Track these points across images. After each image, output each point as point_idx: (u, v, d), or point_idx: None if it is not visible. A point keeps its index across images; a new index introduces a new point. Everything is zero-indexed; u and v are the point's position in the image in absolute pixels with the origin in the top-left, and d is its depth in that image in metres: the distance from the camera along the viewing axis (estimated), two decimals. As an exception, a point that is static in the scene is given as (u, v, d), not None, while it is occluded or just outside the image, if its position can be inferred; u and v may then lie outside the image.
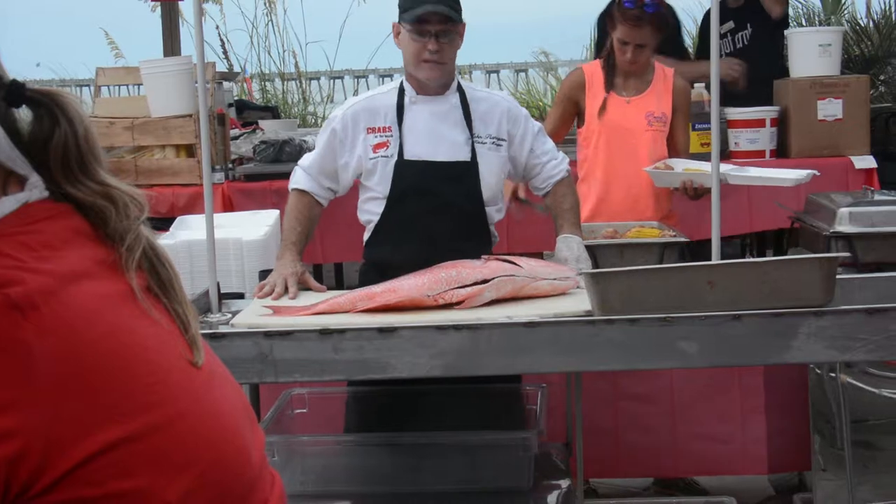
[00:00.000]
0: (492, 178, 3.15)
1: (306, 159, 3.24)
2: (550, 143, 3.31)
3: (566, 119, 4.23)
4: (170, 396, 1.00)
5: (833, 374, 2.94)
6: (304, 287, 2.98)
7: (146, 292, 1.05)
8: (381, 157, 3.13)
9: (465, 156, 3.12)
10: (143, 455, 0.96)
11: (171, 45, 6.14)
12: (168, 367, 1.02)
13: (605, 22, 4.74)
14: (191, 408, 1.02)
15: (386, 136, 3.14)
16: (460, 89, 3.19)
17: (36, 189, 1.03)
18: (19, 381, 0.90)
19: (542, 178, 3.27)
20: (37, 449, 0.90)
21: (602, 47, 4.39)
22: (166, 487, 0.97)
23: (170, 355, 1.04)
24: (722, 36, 5.47)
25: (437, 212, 3.07)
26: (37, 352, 0.91)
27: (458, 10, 3.10)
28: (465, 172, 3.11)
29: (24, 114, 1.05)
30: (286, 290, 2.93)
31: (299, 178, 3.21)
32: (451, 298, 2.66)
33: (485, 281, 2.69)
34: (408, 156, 3.11)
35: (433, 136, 3.13)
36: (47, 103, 1.04)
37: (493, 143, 3.16)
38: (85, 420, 0.92)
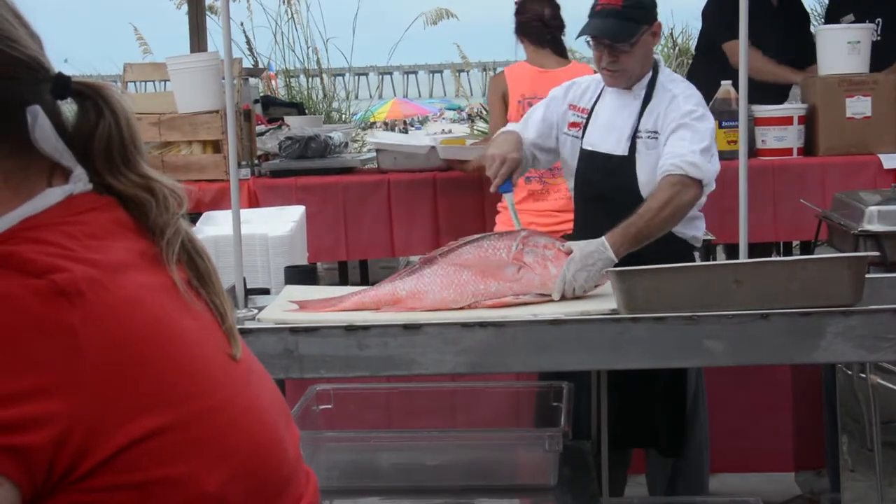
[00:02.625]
0: (647, 173, 3.09)
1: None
2: (684, 142, 2.99)
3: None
4: (211, 387, 1.01)
5: (863, 375, 2.91)
6: None
7: (188, 285, 1.06)
8: (571, 136, 3.23)
9: (622, 150, 3.14)
10: (183, 443, 0.96)
11: (198, 41, 6.17)
12: (209, 358, 1.03)
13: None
14: (231, 400, 1.03)
15: (580, 118, 3.23)
16: (652, 81, 3.16)
17: (80, 181, 1.04)
18: (64, 365, 0.91)
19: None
20: (79, 433, 0.91)
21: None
22: (206, 476, 0.97)
23: (211, 347, 1.04)
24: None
25: (595, 201, 3.13)
26: (82, 337, 0.92)
27: (629, 29, 3.02)
28: (622, 167, 3.13)
29: (67, 106, 1.06)
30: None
31: (506, 128, 3.36)
32: (477, 307, 2.66)
33: (514, 295, 2.68)
34: (585, 144, 3.21)
35: (608, 127, 3.18)
36: (92, 95, 1.06)
37: (648, 136, 3.13)
38: (127, 406, 0.93)
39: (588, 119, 3.22)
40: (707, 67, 5.18)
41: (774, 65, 5.01)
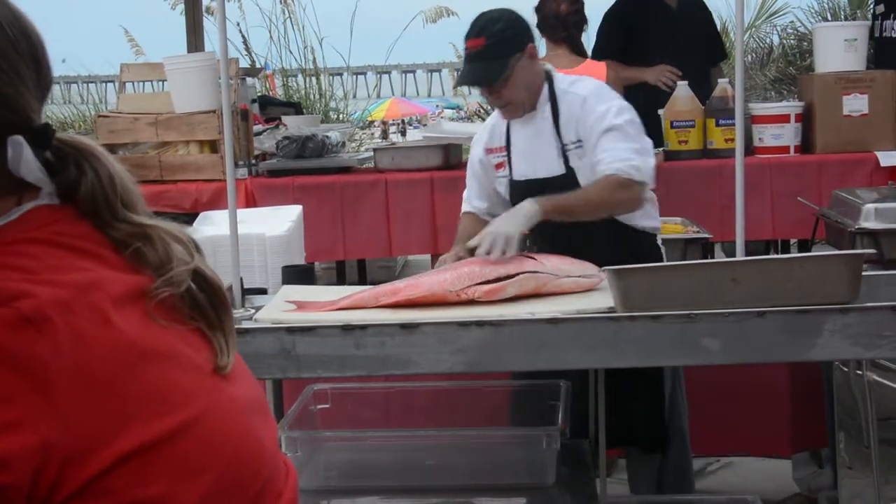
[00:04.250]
0: (588, 180, 3.02)
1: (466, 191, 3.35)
2: (619, 144, 2.95)
3: None
4: (183, 401, 0.99)
5: (859, 372, 2.91)
6: None
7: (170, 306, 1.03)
8: (502, 176, 3.21)
9: (559, 169, 3.09)
10: (161, 462, 0.95)
11: (195, 41, 6.17)
12: (180, 369, 1.01)
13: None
14: (206, 410, 1.01)
15: (502, 157, 3.21)
16: (552, 92, 3.10)
17: (47, 197, 1.02)
18: (36, 397, 0.89)
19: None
20: (55, 462, 0.89)
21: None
22: (185, 493, 0.96)
23: (182, 357, 1.02)
24: (874, 17, 5.39)
25: (546, 222, 2.97)
26: (52, 367, 0.90)
27: (496, 68, 2.97)
28: (564, 184, 3.05)
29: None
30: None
31: (463, 205, 3.33)
32: (474, 294, 2.65)
33: (508, 277, 2.68)
34: (516, 176, 3.17)
35: (531, 153, 3.14)
36: (73, 154, 1.03)
37: (575, 147, 3.08)
38: (102, 430, 0.92)
39: (509, 153, 3.18)
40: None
41: (628, 68, 4.99)
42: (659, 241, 3.28)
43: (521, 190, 3.13)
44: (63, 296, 0.93)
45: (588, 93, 3.08)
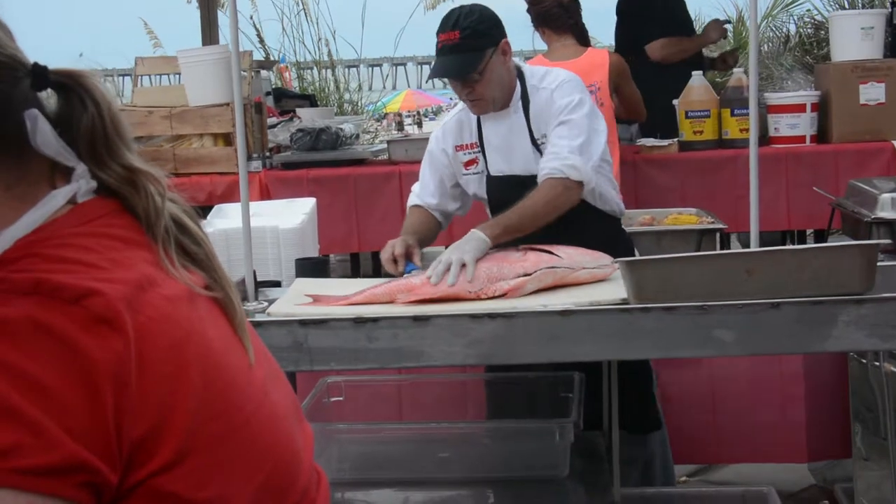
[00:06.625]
0: None
1: (417, 184, 3.29)
2: (563, 141, 2.96)
3: None
4: (238, 403, 0.98)
5: (876, 363, 2.89)
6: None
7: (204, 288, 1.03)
8: (473, 173, 3.17)
9: (535, 167, 3.02)
10: (214, 465, 0.94)
11: (210, 34, 6.18)
12: (234, 371, 1.00)
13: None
14: (254, 414, 1.00)
15: (474, 153, 3.17)
16: (524, 89, 3.08)
17: (83, 179, 1.00)
18: (109, 393, 0.89)
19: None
20: (125, 454, 0.89)
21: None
22: (236, 496, 0.95)
23: (233, 358, 1.01)
24: (892, 4, 5.39)
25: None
26: (125, 363, 0.90)
27: (471, 60, 2.95)
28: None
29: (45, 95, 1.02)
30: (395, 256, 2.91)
31: (411, 197, 3.29)
32: (493, 293, 2.63)
33: (526, 274, 2.66)
34: (493, 171, 3.13)
35: (506, 149, 3.11)
36: (73, 86, 1.02)
37: (546, 141, 3.05)
38: (163, 426, 0.91)
39: (483, 149, 3.14)
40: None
41: (685, 40, 5.35)
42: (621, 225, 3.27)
43: (499, 185, 3.12)
44: (127, 293, 0.92)
45: (555, 86, 3.06)
